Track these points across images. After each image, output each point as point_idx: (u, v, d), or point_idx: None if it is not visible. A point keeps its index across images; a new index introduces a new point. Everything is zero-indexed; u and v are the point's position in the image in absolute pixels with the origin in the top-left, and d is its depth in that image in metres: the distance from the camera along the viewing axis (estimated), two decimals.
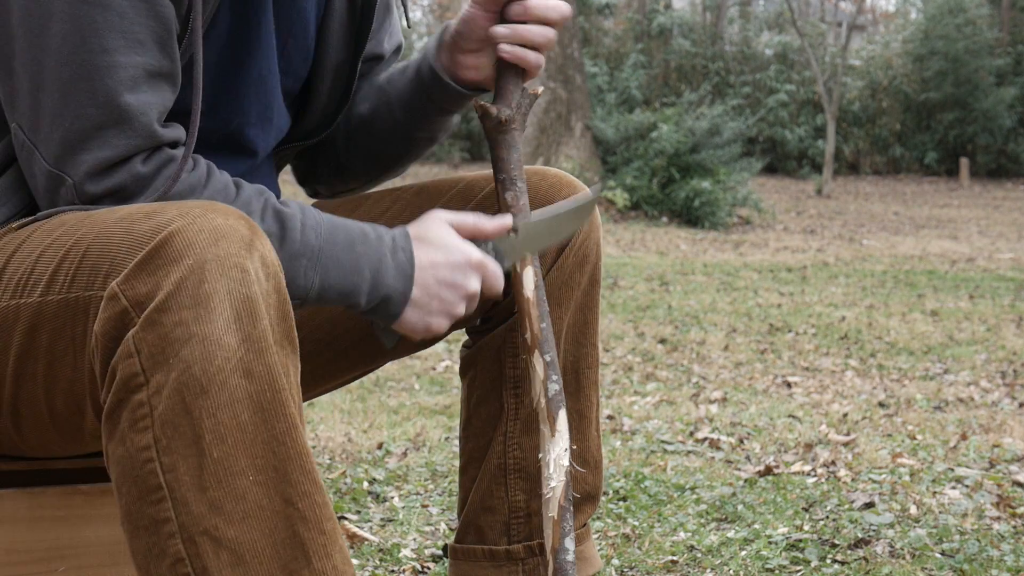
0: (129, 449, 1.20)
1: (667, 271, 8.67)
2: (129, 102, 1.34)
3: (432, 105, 1.70)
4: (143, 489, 1.20)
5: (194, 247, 1.19)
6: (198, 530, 1.18)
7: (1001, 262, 9.84)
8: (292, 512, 1.20)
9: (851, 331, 5.94)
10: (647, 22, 22.01)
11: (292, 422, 1.21)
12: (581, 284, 1.70)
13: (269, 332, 1.21)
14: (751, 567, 2.41)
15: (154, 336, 1.18)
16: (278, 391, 1.21)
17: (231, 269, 1.19)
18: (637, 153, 13.42)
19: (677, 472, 3.14)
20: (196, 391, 1.18)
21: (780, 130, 20.95)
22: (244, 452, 1.19)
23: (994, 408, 4.15)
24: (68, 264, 1.28)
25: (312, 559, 1.21)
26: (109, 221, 1.27)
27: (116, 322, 1.20)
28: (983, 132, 21.22)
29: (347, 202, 1.78)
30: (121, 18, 1.33)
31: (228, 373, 1.18)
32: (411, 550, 2.51)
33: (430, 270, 1.46)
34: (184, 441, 1.18)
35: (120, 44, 1.33)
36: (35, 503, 1.49)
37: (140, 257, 1.20)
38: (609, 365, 4.91)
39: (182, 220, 1.21)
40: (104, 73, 1.32)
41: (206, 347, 1.18)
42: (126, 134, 1.34)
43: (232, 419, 1.18)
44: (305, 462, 1.22)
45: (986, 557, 2.45)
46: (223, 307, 1.19)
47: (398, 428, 3.66)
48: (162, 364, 1.18)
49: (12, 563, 1.47)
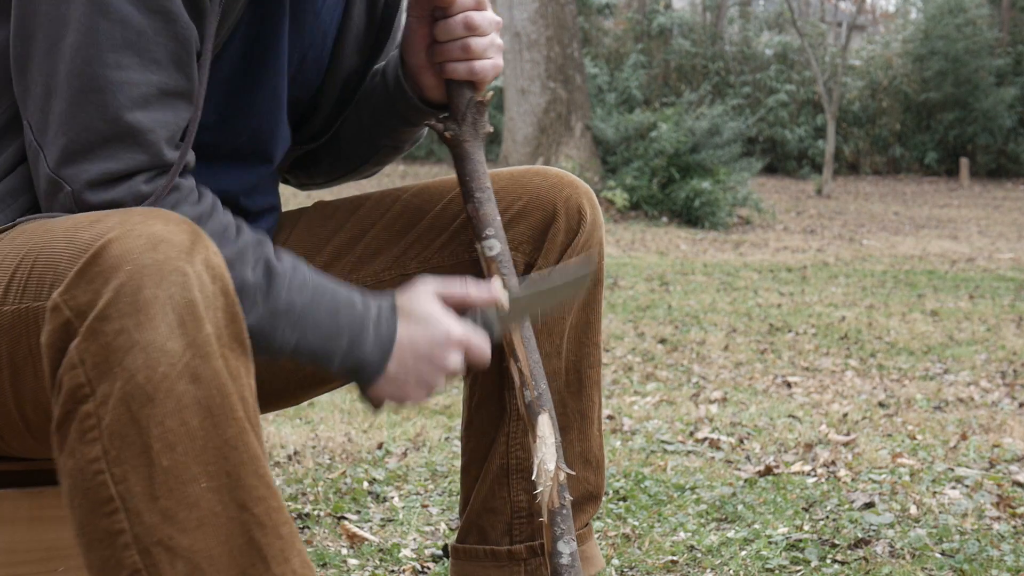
0: (79, 461, 1.18)
1: (667, 271, 8.67)
2: (138, 120, 1.33)
3: (397, 115, 1.70)
4: (95, 501, 1.18)
5: (131, 254, 1.18)
6: (152, 540, 1.17)
7: (1001, 262, 9.84)
8: (247, 517, 1.19)
9: (851, 331, 5.94)
10: (647, 22, 22.01)
11: (242, 426, 1.20)
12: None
13: (214, 336, 1.19)
14: (751, 567, 2.41)
15: (96, 346, 1.17)
16: (227, 395, 1.19)
17: (170, 274, 1.18)
18: (637, 153, 13.41)
19: (677, 472, 3.14)
20: (142, 400, 1.16)
21: (780, 130, 20.95)
22: (195, 459, 1.17)
23: (994, 408, 4.15)
24: (20, 274, 1.27)
25: (271, 564, 1.20)
26: (58, 230, 1.26)
27: (60, 333, 1.19)
28: (983, 132, 21.21)
29: (348, 202, 1.79)
30: (139, 36, 1.32)
31: (174, 380, 1.17)
32: (411, 550, 2.51)
33: (409, 346, 1.45)
34: (133, 451, 1.16)
35: (135, 61, 1.32)
36: (35, 503, 1.49)
37: (79, 266, 1.19)
38: (609, 365, 4.91)
39: (121, 228, 1.20)
40: (116, 89, 1.32)
41: (149, 354, 1.16)
42: (132, 151, 1.34)
43: (181, 426, 1.17)
44: (258, 466, 1.20)
45: (986, 557, 2.45)
46: (164, 313, 1.17)
47: (398, 428, 3.66)
48: (106, 374, 1.16)
49: (12, 563, 1.47)
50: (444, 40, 1.60)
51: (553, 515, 1.55)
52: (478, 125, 1.61)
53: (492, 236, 1.59)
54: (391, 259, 1.72)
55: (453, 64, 1.60)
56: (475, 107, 1.61)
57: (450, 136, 1.61)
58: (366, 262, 1.72)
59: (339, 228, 1.75)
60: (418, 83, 1.65)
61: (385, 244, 1.73)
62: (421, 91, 1.65)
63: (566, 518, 1.55)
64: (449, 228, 1.71)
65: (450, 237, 1.71)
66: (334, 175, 1.83)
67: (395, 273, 1.71)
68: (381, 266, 1.72)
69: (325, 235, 1.75)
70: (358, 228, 1.74)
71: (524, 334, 1.57)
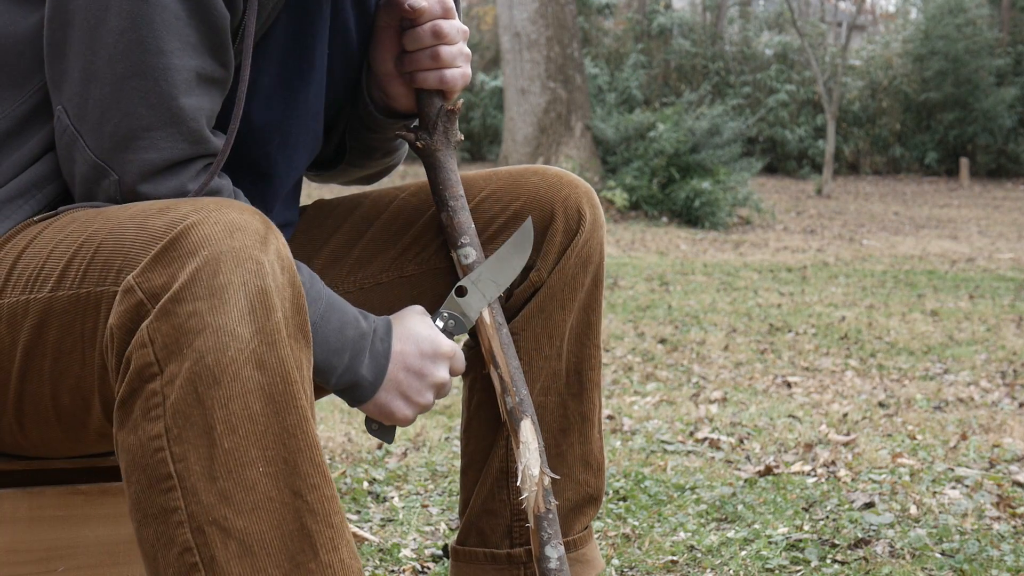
0: (140, 438, 1.20)
1: (667, 271, 8.67)
2: (182, 105, 1.34)
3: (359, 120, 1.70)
4: (153, 478, 1.20)
5: (209, 240, 1.20)
6: (207, 519, 1.18)
7: (1001, 262, 9.84)
8: (301, 504, 1.20)
9: (851, 331, 5.94)
10: (647, 22, 22.01)
11: (303, 415, 1.21)
12: (584, 284, 1.69)
13: (283, 324, 1.21)
14: (751, 567, 2.41)
15: (168, 326, 1.19)
16: (290, 383, 1.21)
17: (246, 261, 1.20)
18: (637, 153, 13.42)
19: (677, 472, 3.14)
20: (209, 381, 1.18)
21: (780, 130, 20.95)
22: (255, 443, 1.19)
23: (994, 408, 4.15)
24: (80, 260, 1.28)
25: (319, 552, 1.21)
26: (122, 217, 1.28)
27: (132, 314, 1.20)
28: (983, 132, 21.22)
29: (347, 200, 1.79)
30: (177, 20, 1.33)
31: (241, 364, 1.19)
32: (411, 550, 2.51)
33: (400, 359, 1.50)
34: (195, 431, 1.18)
35: (176, 46, 1.33)
36: (35, 503, 1.49)
37: (156, 250, 1.21)
38: (609, 365, 4.91)
39: (197, 215, 1.22)
40: (159, 74, 1.33)
41: (219, 337, 1.18)
42: (175, 137, 1.35)
43: (243, 410, 1.19)
44: (315, 455, 1.22)
45: (986, 557, 2.45)
46: (237, 298, 1.19)
47: (398, 428, 3.66)
48: (176, 354, 1.18)
49: (12, 563, 1.47)
50: (413, 49, 1.60)
51: (539, 520, 1.55)
52: (449, 134, 1.62)
53: (467, 244, 1.60)
54: (389, 260, 1.71)
55: (423, 73, 1.60)
56: (445, 116, 1.62)
57: (422, 145, 1.62)
58: (364, 263, 1.72)
59: (338, 228, 1.75)
60: (386, 92, 1.65)
61: (383, 245, 1.73)
62: (389, 100, 1.65)
63: (552, 522, 1.55)
64: None
65: None
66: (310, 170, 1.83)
67: (393, 275, 1.71)
68: (379, 267, 1.72)
69: (324, 235, 1.75)
70: (356, 229, 1.74)
71: (503, 341, 1.58)
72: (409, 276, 1.71)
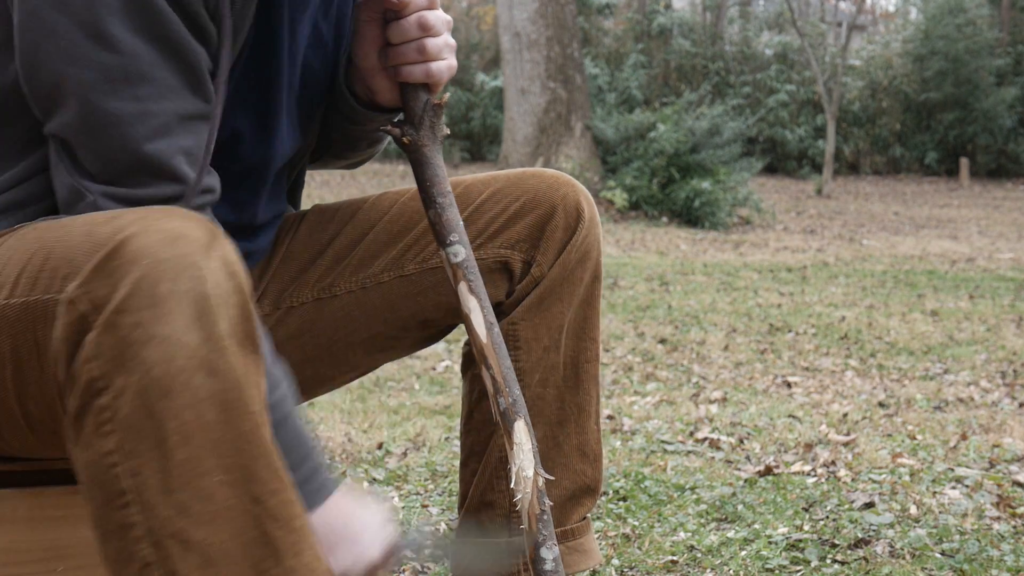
0: (93, 454, 1.18)
1: (667, 271, 8.67)
2: (158, 149, 1.34)
3: (340, 114, 1.69)
4: (109, 494, 1.18)
5: (149, 249, 1.18)
6: (165, 533, 1.17)
7: (1001, 262, 9.84)
8: (261, 511, 1.19)
9: (851, 331, 5.94)
10: (647, 22, 22.01)
11: (256, 420, 1.20)
12: (583, 280, 1.71)
13: (230, 331, 1.19)
14: (751, 567, 2.41)
15: (113, 339, 1.16)
16: (242, 389, 1.19)
17: (188, 268, 1.18)
18: (637, 153, 13.42)
19: (677, 472, 3.14)
20: (159, 393, 1.16)
21: (780, 130, 20.95)
22: (210, 452, 1.17)
23: (994, 408, 4.15)
24: (31, 268, 1.27)
25: (283, 557, 1.20)
26: (75, 225, 1.26)
27: (76, 326, 1.19)
28: (983, 132, 21.22)
29: (346, 205, 1.79)
30: (151, 67, 1.33)
31: (191, 373, 1.16)
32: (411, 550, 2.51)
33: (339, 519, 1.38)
34: (148, 444, 1.16)
35: (151, 91, 1.33)
36: (35, 503, 1.49)
37: (96, 260, 1.19)
38: (609, 365, 4.91)
39: (140, 224, 1.20)
40: (132, 121, 1.33)
41: (166, 348, 1.16)
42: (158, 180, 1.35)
43: (196, 419, 1.17)
44: (272, 460, 1.20)
45: (986, 557, 2.45)
46: (181, 307, 1.17)
47: (398, 428, 3.66)
48: (123, 367, 1.16)
49: (12, 563, 1.47)
50: (398, 42, 1.56)
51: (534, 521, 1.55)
52: (436, 128, 1.58)
53: (456, 242, 1.55)
54: (389, 261, 1.73)
55: (408, 67, 1.57)
56: (432, 110, 1.57)
57: (408, 141, 1.57)
58: (366, 264, 1.73)
59: (338, 232, 1.76)
60: (370, 87, 1.62)
61: (384, 246, 1.73)
62: (373, 95, 1.63)
63: (547, 524, 1.55)
64: None
65: None
66: None
67: (394, 274, 1.72)
68: (380, 268, 1.73)
69: (326, 239, 1.76)
70: (357, 231, 1.75)
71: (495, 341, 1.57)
72: (408, 275, 1.72)
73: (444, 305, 1.72)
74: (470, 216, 1.71)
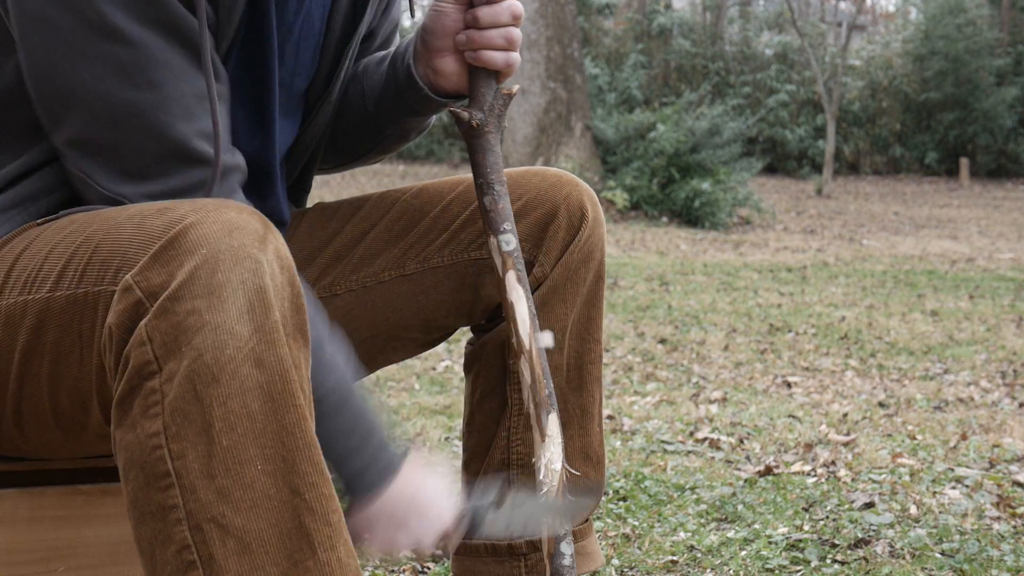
0: (139, 435, 1.20)
1: (667, 271, 8.67)
2: (184, 133, 1.35)
3: (404, 105, 1.69)
4: (151, 475, 1.20)
5: (208, 239, 1.20)
6: (205, 517, 1.18)
7: (1001, 262, 9.84)
8: (299, 502, 1.20)
9: (851, 331, 5.94)
10: (647, 22, 22.01)
11: (301, 413, 1.21)
12: (586, 280, 1.71)
13: (281, 323, 1.21)
14: (751, 567, 2.41)
15: (167, 324, 1.18)
16: (288, 382, 1.21)
17: (244, 260, 1.20)
18: (637, 153, 13.41)
19: (677, 472, 3.14)
20: (207, 379, 1.18)
21: (780, 130, 20.95)
22: (253, 441, 1.19)
23: (994, 408, 4.15)
24: (78, 260, 1.28)
25: (317, 550, 1.21)
26: (120, 218, 1.28)
27: (130, 313, 1.20)
28: (983, 132, 21.22)
29: (348, 203, 1.79)
30: (160, 51, 1.34)
31: (239, 362, 1.18)
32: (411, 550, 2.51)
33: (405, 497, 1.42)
34: (194, 428, 1.18)
35: (166, 76, 1.34)
36: (35, 503, 1.49)
37: (155, 249, 1.21)
38: (609, 365, 4.91)
39: (196, 215, 1.22)
40: (157, 107, 1.34)
41: (218, 336, 1.18)
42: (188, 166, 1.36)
43: (242, 408, 1.18)
44: (313, 453, 1.22)
45: (986, 557, 2.46)
46: (236, 297, 1.19)
47: (398, 428, 3.66)
48: (174, 352, 1.18)
49: (12, 563, 1.47)
50: (487, 26, 1.57)
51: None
52: (502, 117, 1.58)
53: (508, 231, 1.56)
54: (391, 260, 1.72)
55: (490, 53, 1.57)
56: (502, 99, 1.58)
57: (477, 124, 1.57)
58: (367, 263, 1.73)
59: (339, 230, 1.75)
60: (433, 68, 1.62)
61: (385, 245, 1.73)
62: (437, 78, 1.63)
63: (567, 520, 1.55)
64: (448, 229, 1.72)
65: (449, 238, 1.71)
66: (337, 163, 1.84)
67: (394, 274, 1.72)
68: (381, 267, 1.72)
69: (326, 237, 1.75)
70: (358, 230, 1.75)
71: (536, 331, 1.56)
72: (409, 274, 1.71)
73: (446, 306, 1.72)
74: (471, 215, 1.71)
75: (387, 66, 1.70)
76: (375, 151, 1.80)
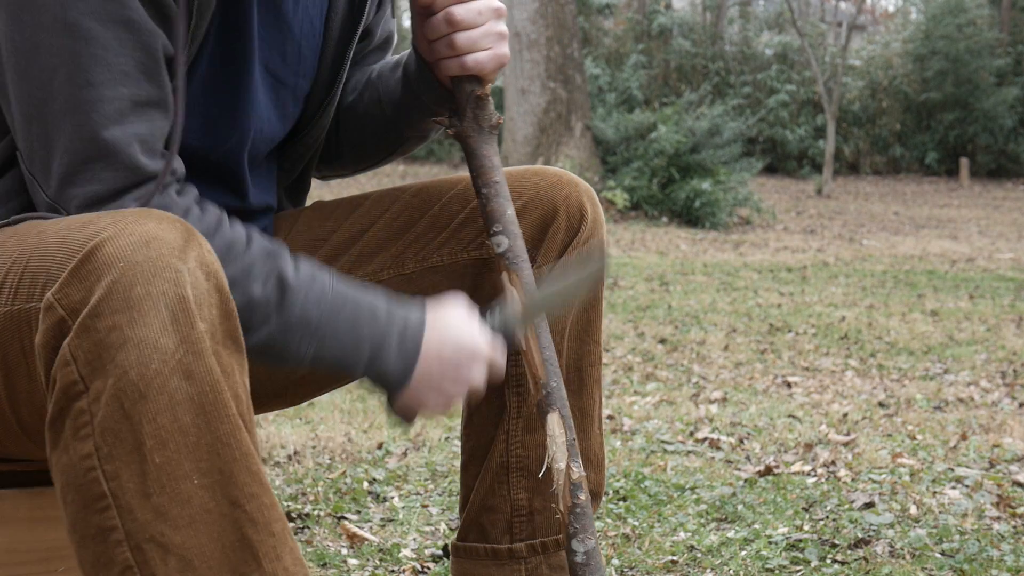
0: (72, 458, 1.18)
1: (667, 271, 8.67)
2: (114, 136, 1.32)
3: (422, 105, 1.69)
4: (87, 498, 1.18)
5: (124, 252, 1.18)
6: (144, 537, 1.17)
7: (1001, 262, 9.84)
8: (239, 514, 1.19)
9: (851, 331, 5.94)
10: (647, 22, 22.00)
11: (235, 423, 1.19)
12: None
13: (208, 333, 1.19)
14: (751, 567, 2.41)
15: (89, 343, 1.17)
16: (219, 392, 1.19)
17: (163, 271, 1.18)
18: (637, 153, 13.41)
19: (677, 472, 3.14)
20: (134, 396, 1.16)
21: (780, 130, 20.94)
22: (187, 456, 1.17)
23: (994, 408, 4.15)
24: (12, 276, 1.27)
25: (262, 561, 1.20)
26: (51, 231, 1.26)
27: (54, 332, 1.19)
28: (983, 132, 21.21)
29: (347, 201, 1.78)
30: (106, 50, 1.31)
31: (166, 376, 1.16)
32: (411, 550, 2.51)
33: (436, 357, 1.44)
34: (125, 448, 1.16)
35: (105, 77, 1.31)
36: (35, 503, 1.49)
37: (72, 266, 1.19)
38: (609, 365, 4.91)
39: (114, 228, 1.20)
40: (89, 107, 1.31)
41: (142, 351, 1.16)
42: (112, 168, 1.32)
43: (173, 423, 1.17)
44: (251, 463, 1.20)
45: (986, 557, 2.45)
46: (157, 309, 1.17)
47: (398, 428, 3.66)
48: (99, 370, 1.16)
49: (12, 563, 1.47)
50: (433, 39, 1.58)
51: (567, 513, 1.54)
52: (480, 119, 1.59)
53: (499, 232, 1.56)
54: (389, 258, 1.72)
55: (445, 62, 1.58)
56: (474, 101, 1.59)
57: (452, 132, 1.60)
58: (364, 261, 1.72)
59: (337, 227, 1.75)
60: (436, 76, 1.64)
61: (384, 243, 1.72)
62: (440, 84, 1.64)
63: (580, 517, 1.54)
64: (448, 227, 1.71)
65: (449, 236, 1.71)
66: (358, 167, 1.84)
67: (393, 272, 1.71)
68: (379, 265, 1.72)
69: (323, 234, 1.75)
70: (357, 227, 1.74)
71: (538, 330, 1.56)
72: (408, 274, 1.71)
73: None
74: (471, 213, 1.71)
75: (401, 71, 1.70)
76: (397, 152, 1.80)
